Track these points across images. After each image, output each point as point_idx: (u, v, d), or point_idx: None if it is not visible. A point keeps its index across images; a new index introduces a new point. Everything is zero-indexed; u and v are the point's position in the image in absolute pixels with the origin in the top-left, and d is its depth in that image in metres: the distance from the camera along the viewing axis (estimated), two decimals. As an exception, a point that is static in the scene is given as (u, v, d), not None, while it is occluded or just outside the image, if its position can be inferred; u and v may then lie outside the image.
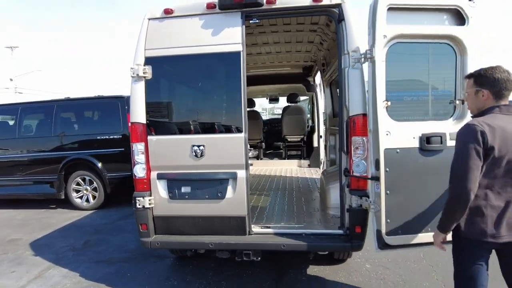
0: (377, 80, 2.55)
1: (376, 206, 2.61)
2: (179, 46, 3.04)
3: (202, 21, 3.02)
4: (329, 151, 5.59)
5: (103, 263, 4.16)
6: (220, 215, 3.08)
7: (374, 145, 2.60)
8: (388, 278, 3.48)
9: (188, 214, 3.13)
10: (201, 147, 3.03)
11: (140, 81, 3.07)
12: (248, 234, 3.07)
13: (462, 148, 1.90)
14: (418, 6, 2.60)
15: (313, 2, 2.92)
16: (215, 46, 2.98)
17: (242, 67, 2.96)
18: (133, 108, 3.11)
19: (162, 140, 3.15)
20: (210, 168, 3.07)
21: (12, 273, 3.98)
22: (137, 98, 3.08)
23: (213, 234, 3.10)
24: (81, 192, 6.64)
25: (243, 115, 3.00)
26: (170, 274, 3.78)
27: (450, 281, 3.36)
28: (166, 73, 3.17)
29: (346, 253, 3.63)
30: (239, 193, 3.03)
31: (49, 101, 7.06)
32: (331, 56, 4.71)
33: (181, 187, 3.11)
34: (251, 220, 3.13)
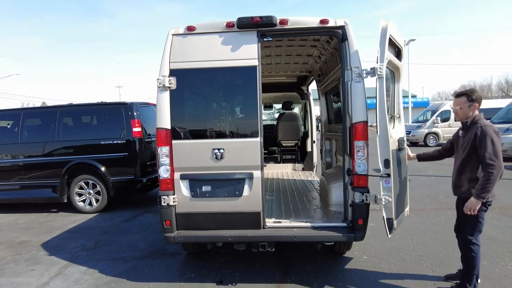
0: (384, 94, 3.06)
1: (386, 199, 3.06)
2: (201, 60, 3.40)
3: (222, 38, 3.39)
4: (325, 154, 6.04)
5: (119, 261, 4.40)
6: (237, 211, 3.43)
7: (384, 148, 3.09)
8: (384, 268, 3.90)
9: (209, 211, 3.46)
10: (221, 150, 3.38)
11: (166, 91, 3.41)
12: (263, 228, 3.43)
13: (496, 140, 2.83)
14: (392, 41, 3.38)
15: (320, 24, 3.36)
16: (234, 61, 3.36)
17: (258, 80, 3.36)
18: (159, 115, 3.43)
19: (186, 144, 3.47)
20: (229, 169, 3.42)
21: (32, 271, 4.17)
22: (163, 106, 3.41)
23: (231, 228, 3.44)
24: (84, 195, 6.81)
25: (259, 121, 3.39)
26: (185, 269, 4.08)
27: (437, 268, 3.86)
28: (189, 84, 3.52)
29: (345, 246, 4.04)
30: (255, 191, 3.40)
31: (52, 106, 7.20)
32: (327, 68, 5.18)
33: (202, 186, 3.44)
34: (265, 215, 3.49)
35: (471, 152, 2.97)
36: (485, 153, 2.82)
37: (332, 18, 3.38)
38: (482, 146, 2.84)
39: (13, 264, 4.40)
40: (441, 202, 6.67)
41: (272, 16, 3.30)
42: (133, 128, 6.60)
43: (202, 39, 3.43)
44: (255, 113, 3.40)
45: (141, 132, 6.71)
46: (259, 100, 3.37)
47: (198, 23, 3.47)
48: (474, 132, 2.93)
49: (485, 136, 2.85)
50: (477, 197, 2.88)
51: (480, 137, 2.86)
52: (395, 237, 4.73)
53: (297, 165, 7.69)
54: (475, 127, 2.95)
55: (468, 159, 3.01)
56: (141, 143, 6.72)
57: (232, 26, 3.38)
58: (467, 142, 2.99)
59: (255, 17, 3.30)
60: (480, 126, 2.92)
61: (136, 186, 6.78)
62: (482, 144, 2.85)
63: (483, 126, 2.90)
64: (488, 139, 2.83)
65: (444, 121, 17.61)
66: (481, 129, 2.88)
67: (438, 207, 6.34)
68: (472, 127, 2.99)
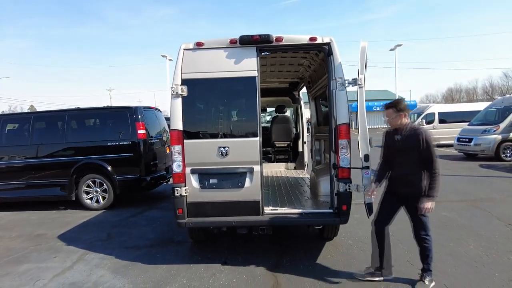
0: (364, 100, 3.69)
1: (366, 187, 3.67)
2: (209, 71, 3.98)
3: (227, 53, 3.99)
4: (315, 153, 6.65)
5: (132, 248, 4.92)
6: (240, 200, 4.00)
7: (364, 145, 3.69)
8: (366, 249, 4.50)
9: (215, 200, 4.02)
10: (226, 148, 3.96)
11: (178, 98, 3.97)
12: (262, 214, 4.01)
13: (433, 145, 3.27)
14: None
15: (310, 41, 3.98)
16: (237, 72, 3.95)
17: (257, 88, 3.95)
18: (173, 118, 3.99)
19: (195, 143, 4.03)
20: (233, 164, 4.00)
21: (54, 258, 4.66)
22: (176, 110, 3.97)
23: (234, 215, 4.01)
24: (91, 193, 7.28)
25: (258, 123, 3.98)
26: (193, 254, 4.62)
27: (412, 249, 4.49)
28: (198, 91, 4.08)
29: (333, 232, 4.65)
30: (255, 183, 3.99)
31: (62, 110, 7.64)
32: (316, 76, 5.81)
33: (209, 179, 4.01)
34: (263, 203, 4.08)
35: (413, 155, 3.30)
36: (433, 157, 3.23)
37: (320, 36, 4.00)
38: (429, 151, 3.23)
39: (36, 253, 4.88)
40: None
41: (269, 35, 3.91)
42: (138, 130, 7.12)
43: (209, 53, 4.02)
44: (255, 116, 3.99)
45: (145, 134, 7.23)
46: (258, 105, 3.97)
47: (206, 40, 4.06)
48: (417, 138, 3.26)
49: (430, 142, 3.25)
50: (432, 197, 3.27)
51: (426, 142, 3.23)
52: (377, 225, 5.37)
53: (290, 164, 8.31)
54: (417, 133, 3.29)
55: (412, 161, 3.33)
56: (145, 144, 7.24)
57: (235, 43, 3.98)
58: (410, 146, 3.31)
59: (255, 35, 3.91)
60: (422, 132, 3.29)
61: (141, 184, 7.28)
62: (428, 149, 3.23)
63: (426, 132, 3.30)
64: (431, 145, 3.25)
65: (429, 123, 18.42)
66: (425, 135, 3.26)
67: (417, 201, 7.01)
68: (412, 132, 3.33)
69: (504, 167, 10.97)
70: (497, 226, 5.22)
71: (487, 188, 7.94)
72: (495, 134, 12.29)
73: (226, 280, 3.79)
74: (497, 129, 12.34)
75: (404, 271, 3.82)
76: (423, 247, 3.43)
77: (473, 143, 12.80)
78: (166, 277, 3.92)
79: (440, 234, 4.93)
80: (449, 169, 11.02)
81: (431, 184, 3.27)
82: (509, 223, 5.32)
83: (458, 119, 17.50)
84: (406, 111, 3.43)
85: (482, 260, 4.02)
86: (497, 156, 12.18)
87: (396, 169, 3.52)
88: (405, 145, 3.36)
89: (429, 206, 3.28)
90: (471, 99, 62.43)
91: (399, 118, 3.41)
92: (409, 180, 3.37)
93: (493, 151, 12.24)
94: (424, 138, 3.25)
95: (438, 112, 18.46)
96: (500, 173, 9.99)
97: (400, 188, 3.48)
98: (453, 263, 3.97)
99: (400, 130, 3.43)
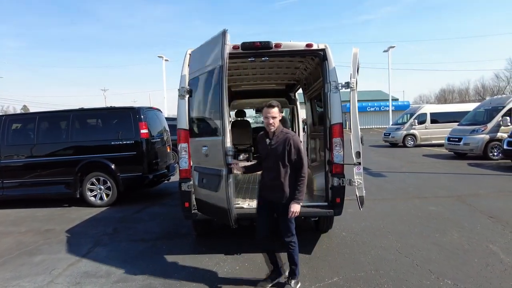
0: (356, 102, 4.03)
1: (358, 181, 4.01)
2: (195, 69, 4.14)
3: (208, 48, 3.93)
4: (310, 151, 7.00)
5: (138, 241, 5.21)
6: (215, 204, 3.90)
7: (356, 143, 4.01)
8: (359, 240, 4.86)
9: (204, 200, 4.15)
10: (206, 147, 3.96)
11: (184, 99, 4.26)
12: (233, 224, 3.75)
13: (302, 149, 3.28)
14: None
15: (306, 47, 4.32)
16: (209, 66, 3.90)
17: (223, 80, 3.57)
18: (179, 118, 4.28)
19: (192, 142, 4.26)
20: (210, 165, 3.96)
21: (65, 250, 4.94)
22: (182, 110, 4.27)
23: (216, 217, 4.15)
24: (95, 191, 7.54)
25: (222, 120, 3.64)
26: (198, 246, 4.92)
27: (400, 239, 4.83)
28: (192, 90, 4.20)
29: (328, 224, 4.99)
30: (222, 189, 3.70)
31: (66, 110, 7.88)
32: (312, 78, 6.15)
33: (202, 178, 4.14)
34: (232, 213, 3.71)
35: (282, 160, 3.22)
36: (302, 161, 3.21)
37: (316, 42, 4.34)
38: (298, 156, 3.21)
39: (47, 246, 5.14)
40: (410, 193, 7.73)
41: (269, 42, 4.23)
42: (140, 130, 7.40)
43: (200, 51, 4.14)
44: (219, 112, 3.64)
45: (148, 133, 7.52)
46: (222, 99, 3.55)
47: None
48: (286, 142, 3.20)
49: (299, 146, 3.21)
50: (298, 200, 3.22)
51: (294, 147, 3.19)
52: (368, 219, 5.73)
53: None
54: (286, 137, 3.23)
55: (280, 166, 3.23)
56: (148, 144, 7.53)
57: (237, 48, 4.30)
58: (280, 150, 3.21)
59: (256, 42, 4.23)
60: (290, 136, 3.22)
61: (144, 182, 7.57)
62: (298, 153, 3.21)
63: (294, 136, 3.24)
64: (301, 149, 3.23)
65: (421, 123, 18.94)
66: (294, 140, 3.20)
67: (407, 197, 7.40)
68: (282, 136, 3.25)
69: (491, 165, 11.44)
70: (480, 218, 5.61)
71: (474, 185, 8.36)
72: (483, 134, 12.78)
73: (229, 268, 4.10)
74: (485, 129, 12.83)
75: (393, 259, 4.16)
76: (289, 253, 3.39)
77: (462, 143, 13.27)
78: (174, 266, 4.22)
79: (427, 226, 5.31)
80: (439, 167, 11.47)
81: (298, 187, 3.22)
82: (490, 216, 5.72)
83: (449, 119, 18.01)
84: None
85: (463, 248, 4.39)
86: (485, 155, 12.67)
87: (265, 173, 3.42)
88: (275, 149, 3.26)
89: (297, 209, 3.22)
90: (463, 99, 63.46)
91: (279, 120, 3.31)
92: (276, 185, 3.27)
93: (481, 150, 12.72)
94: (293, 143, 3.19)
95: (430, 112, 18.98)
96: (487, 171, 10.44)
97: (269, 194, 3.37)
98: (437, 251, 4.33)
99: (272, 133, 3.31)
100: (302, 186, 3.24)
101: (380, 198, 7.37)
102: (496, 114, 12.87)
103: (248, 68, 6.28)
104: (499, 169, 10.63)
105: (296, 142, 3.23)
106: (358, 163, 4.08)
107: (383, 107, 43.60)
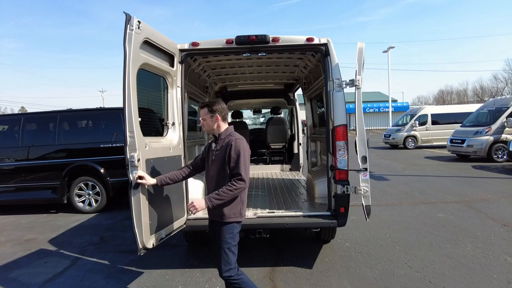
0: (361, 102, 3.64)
1: (365, 189, 3.63)
2: None
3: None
4: (311, 155, 6.62)
5: (126, 252, 4.82)
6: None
7: (362, 146, 3.63)
8: (364, 252, 4.48)
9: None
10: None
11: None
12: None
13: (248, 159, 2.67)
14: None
15: (307, 42, 3.94)
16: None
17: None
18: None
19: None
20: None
21: (45, 263, 4.53)
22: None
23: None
24: (83, 196, 7.14)
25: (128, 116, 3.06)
26: (188, 257, 4.54)
27: (409, 250, 4.45)
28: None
29: (330, 234, 4.61)
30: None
31: (53, 111, 7.49)
32: (312, 77, 5.78)
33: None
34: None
35: (222, 168, 2.68)
36: (240, 170, 2.58)
37: (317, 36, 3.97)
38: (237, 162, 2.61)
39: (26, 258, 4.74)
40: (415, 198, 7.36)
41: (266, 35, 3.85)
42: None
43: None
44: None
45: (139, 135, 7.10)
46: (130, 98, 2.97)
47: (201, 40, 3.99)
48: (227, 146, 2.68)
49: (240, 151, 2.62)
50: (208, 199, 2.58)
51: (236, 151, 2.62)
52: (373, 227, 5.36)
53: (285, 166, 8.27)
54: (229, 140, 2.71)
55: (220, 176, 2.70)
56: (139, 146, 7.11)
57: (231, 43, 3.91)
58: (222, 156, 2.69)
59: (251, 35, 3.85)
60: (233, 139, 2.68)
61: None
62: (237, 159, 2.61)
63: (238, 140, 2.67)
64: (242, 155, 2.61)
65: (422, 124, 18.63)
66: (236, 143, 2.65)
67: (413, 202, 7.03)
68: (226, 140, 2.74)
69: (496, 168, 11.09)
70: (492, 227, 5.24)
71: (481, 189, 8.00)
72: (487, 135, 12.44)
73: (222, 285, 3.68)
74: (489, 130, 12.49)
75: (402, 274, 3.78)
76: None
77: (465, 144, 12.93)
78: (161, 282, 3.84)
79: (437, 236, 4.93)
80: (442, 170, 11.11)
81: (221, 192, 2.58)
82: (504, 224, 5.35)
83: (450, 120, 17.74)
84: (221, 112, 2.79)
85: (479, 261, 4.02)
86: (489, 157, 12.33)
87: (207, 184, 2.87)
88: (218, 156, 2.74)
89: (198, 207, 2.59)
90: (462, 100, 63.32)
91: (213, 121, 2.78)
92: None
93: (485, 152, 12.38)
94: (233, 146, 2.64)
95: (431, 113, 18.66)
96: (493, 174, 10.09)
97: (209, 210, 2.73)
98: (451, 265, 3.96)
99: (218, 137, 2.83)
100: (226, 195, 2.57)
101: (384, 203, 6.99)
102: (500, 115, 12.55)
103: (245, 66, 5.90)
104: (505, 172, 10.27)
105: (237, 146, 2.63)
106: (364, 169, 3.69)
107: (382, 108, 43.41)
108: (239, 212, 2.75)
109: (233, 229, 2.73)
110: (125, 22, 3.02)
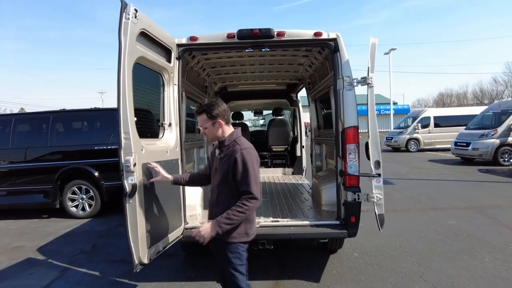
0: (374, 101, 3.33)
1: (378, 197, 3.32)
2: None
3: None
4: (315, 158, 6.31)
5: (118, 262, 4.50)
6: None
7: (376, 150, 3.34)
8: (374, 263, 4.17)
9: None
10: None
11: None
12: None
13: (257, 170, 2.29)
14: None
15: (314, 36, 3.64)
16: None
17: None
18: None
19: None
20: None
21: (31, 274, 4.21)
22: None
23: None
24: (76, 201, 6.82)
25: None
26: (186, 269, 4.23)
27: (422, 261, 4.14)
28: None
29: (338, 244, 4.30)
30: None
31: (45, 112, 7.19)
32: (318, 76, 5.48)
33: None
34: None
35: (226, 179, 2.33)
36: (250, 188, 2.22)
37: (325, 31, 3.67)
38: (243, 175, 2.24)
39: (11, 269, 4.41)
40: (423, 203, 7.06)
41: (270, 29, 3.55)
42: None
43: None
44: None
45: (135, 137, 6.80)
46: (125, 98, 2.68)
47: (200, 34, 3.69)
48: (232, 156, 2.30)
49: (247, 163, 2.24)
50: (217, 223, 2.22)
51: (242, 162, 2.24)
52: (383, 236, 5.03)
53: (287, 169, 7.95)
54: (234, 149, 2.33)
55: (223, 188, 2.37)
56: (135, 149, 6.80)
57: (233, 37, 3.61)
58: (226, 166, 2.32)
59: (254, 29, 3.55)
60: (239, 149, 2.29)
61: (130, 191, 6.83)
62: (244, 172, 2.24)
63: (244, 150, 2.28)
64: (250, 168, 2.24)
65: (425, 127, 18.36)
66: (242, 153, 2.26)
67: (421, 208, 6.72)
68: (231, 147, 2.36)
69: (503, 171, 10.80)
70: (509, 235, 4.93)
71: (491, 194, 7.70)
72: (493, 138, 12.15)
73: (222, 300, 3.39)
74: (495, 133, 12.21)
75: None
76: None
77: (471, 147, 12.64)
78: (156, 297, 3.52)
79: (451, 245, 4.62)
80: (447, 173, 10.82)
81: (230, 212, 2.21)
82: (521, 232, 5.05)
83: (453, 123, 17.46)
84: (224, 116, 2.40)
85: (501, 276, 3.70)
86: (495, 161, 12.04)
87: (210, 196, 2.53)
88: (223, 164, 2.36)
89: (204, 234, 2.22)
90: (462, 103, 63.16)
91: (216, 128, 2.39)
92: (214, 213, 2.34)
93: (491, 156, 12.09)
94: (239, 158, 2.25)
95: (434, 116, 18.39)
96: (500, 178, 9.79)
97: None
98: (470, 279, 3.64)
99: (222, 143, 2.45)
100: (236, 218, 2.22)
101: (391, 209, 6.68)
102: (507, 118, 12.26)
103: (246, 65, 5.60)
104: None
105: (243, 157, 2.25)
106: (377, 175, 3.39)
107: (383, 111, 43.10)
108: (245, 231, 2.37)
109: (238, 249, 2.36)
110: (121, 10, 2.70)
